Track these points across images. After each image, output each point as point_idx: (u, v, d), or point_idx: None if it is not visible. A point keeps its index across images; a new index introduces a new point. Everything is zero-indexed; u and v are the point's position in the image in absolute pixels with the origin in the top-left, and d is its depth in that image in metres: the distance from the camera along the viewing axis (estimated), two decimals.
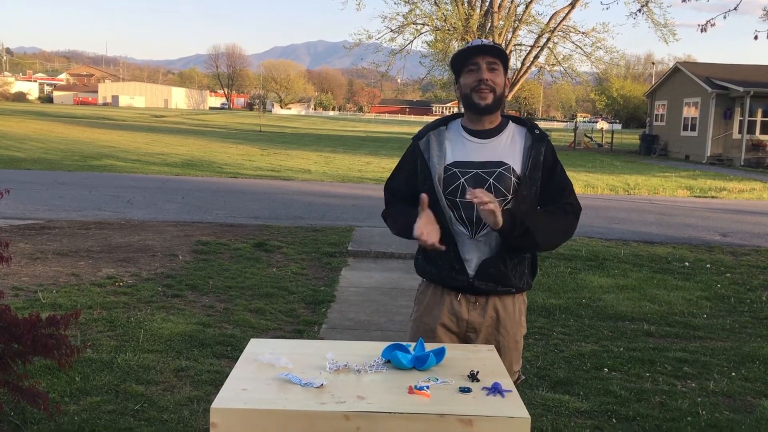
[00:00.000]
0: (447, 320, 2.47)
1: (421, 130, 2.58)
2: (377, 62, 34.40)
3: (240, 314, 5.52)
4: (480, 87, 2.39)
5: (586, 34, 32.29)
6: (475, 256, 2.42)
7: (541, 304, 6.19)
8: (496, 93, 2.41)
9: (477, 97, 2.40)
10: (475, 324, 2.46)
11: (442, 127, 2.53)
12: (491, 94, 2.40)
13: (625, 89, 77.10)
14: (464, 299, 2.46)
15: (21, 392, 3.04)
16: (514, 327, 2.49)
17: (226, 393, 1.79)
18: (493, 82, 2.40)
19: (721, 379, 4.53)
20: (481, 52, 2.41)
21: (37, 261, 7.08)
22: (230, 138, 33.66)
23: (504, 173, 2.39)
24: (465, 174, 2.40)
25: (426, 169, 2.46)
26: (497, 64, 2.42)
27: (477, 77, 2.40)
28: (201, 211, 11.02)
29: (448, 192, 2.41)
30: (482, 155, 2.42)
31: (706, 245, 9.68)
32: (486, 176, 2.38)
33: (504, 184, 2.38)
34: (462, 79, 2.46)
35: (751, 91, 26.71)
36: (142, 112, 70.50)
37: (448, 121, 2.58)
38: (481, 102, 2.40)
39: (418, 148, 2.51)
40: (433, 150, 2.47)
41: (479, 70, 2.40)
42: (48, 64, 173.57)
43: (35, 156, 19.27)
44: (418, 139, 2.53)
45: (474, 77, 2.41)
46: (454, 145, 2.47)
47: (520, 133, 2.49)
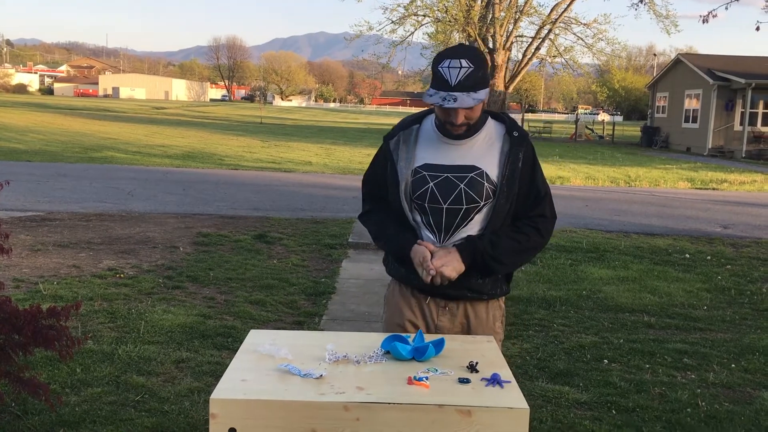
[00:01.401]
0: (416, 320, 2.38)
1: (394, 128, 2.42)
2: (378, 54, 34.36)
3: (241, 306, 5.53)
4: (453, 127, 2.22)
5: (588, 25, 32.22)
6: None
7: (541, 296, 6.19)
8: (471, 123, 2.23)
9: (450, 127, 2.23)
10: (444, 329, 2.34)
11: (414, 126, 2.36)
12: (465, 127, 2.23)
13: (626, 81, 76.94)
14: (433, 303, 2.35)
15: (22, 383, 3.05)
16: (487, 333, 2.34)
17: (226, 384, 1.79)
18: (468, 117, 2.21)
19: (721, 370, 4.54)
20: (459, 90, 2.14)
21: (38, 252, 7.09)
22: (231, 130, 33.62)
23: (476, 179, 2.23)
24: (434, 178, 2.25)
25: (394, 173, 2.32)
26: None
27: (449, 118, 2.20)
28: (202, 202, 11.02)
29: (416, 196, 2.27)
30: (454, 158, 2.26)
31: (706, 237, 9.68)
32: (456, 181, 2.23)
33: (475, 190, 2.23)
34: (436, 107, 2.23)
35: (753, 82, 26.64)
36: (142, 104, 70.43)
37: (422, 117, 2.39)
38: (454, 131, 2.24)
39: (388, 148, 2.36)
40: (401, 152, 2.32)
41: (454, 113, 2.19)
42: (48, 56, 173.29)
43: (36, 148, 19.26)
44: (389, 139, 2.38)
45: (447, 116, 2.21)
46: (425, 145, 2.31)
47: (499, 133, 2.31)
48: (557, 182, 16.32)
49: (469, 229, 2.26)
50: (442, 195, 2.24)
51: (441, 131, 2.29)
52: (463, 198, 2.23)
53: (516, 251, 2.29)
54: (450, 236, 2.27)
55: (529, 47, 33.23)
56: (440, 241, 2.28)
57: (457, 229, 2.26)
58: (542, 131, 41.15)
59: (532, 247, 2.33)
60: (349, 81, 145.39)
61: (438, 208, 2.24)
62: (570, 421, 3.67)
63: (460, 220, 2.25)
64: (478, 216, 2.26)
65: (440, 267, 2.19)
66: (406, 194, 2.28)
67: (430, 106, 2.26)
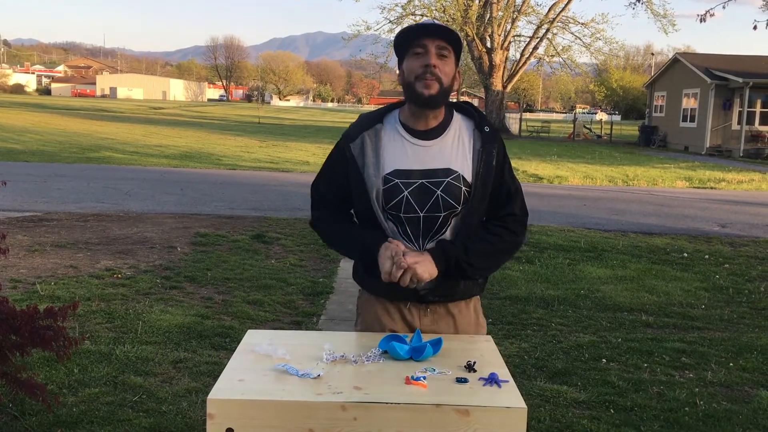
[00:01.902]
0: (398, 327, 2.23)
1: (352, 128, 2.19)
2: (376, 53, 34.42)
3: (238, 306, 5.52)
4: (425, 74, 2.06)
5: (586, 24, 32.27)
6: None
7: (539, 295, 6.19)
8: (443, 84, 2.07)
9: (421, 86, 2.06)
10: (428, 331, 2.22)
11: (377, 125, 2.17)
12: (437, 84, 2.06)
13: (624, 80, 76.97)
14: (414, 307, 2.23)
15: (19, 384, 3.04)
16: (472, 329, 2.29)
17: (223, 384, 1.79)
18: (441, 70, 2.07)
19: (719, 369, 4.54)
20: (431, 33, 2.07)
21: (35, 253, 7.08)
22: (229, 130, 33.61)
23: (453, 183, 2.10)
24: (408, 186, 2.09)
25: (360, 181, 2.13)
26: (448, 50, 2.09)
27: (423, 62, 2.07)
28: (199, 202, 11.02)
29: (389, 207, 2.11)
30: (427, 161, 2.11)
31: (704, 236, 9.69)
32: (433, 187, 2.09)
33: (453, 195, 2.10)
34: (405, 64, 2.12)
35: (751, 81, 26.68)
36: (140, 104, 70.38)
37: (383, 115, 2.21)
38: (425, 92, 2.06)
39: (350, 152, 2.15)
40: (368, 157, 2.12)
41: (426, 55, 2.07)
42: (46, 56, 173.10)
43: (33, 148, 19.24)
44: (349, 141, 2.16)
45: (420, 62, 2.07)
46: (392, 148, 2.13)
47: (468, 129, 2.18)
48: (555, 181, 16.33)
49: (448, 233, 2.15)
50: (418, 203, 2.10)
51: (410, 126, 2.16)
52: (441, 205, 2.10)
53: (490, 253, 2.19)
54: (428, 242, 2.15)
55: (527, 47, 33.27)
56: (419, 249, 2.15)
57: (435, 235, 2.15)
58: (540, 131, 41.18)
59: (506, 249, 2.23)
60: (347, 81, 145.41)
61: (415, 217, 2.11)
62: (568, 420, 3.67)
63: (439, 227, 2.14)
64: (454, 220, 2.14)
65: (414, 264, 2.03)
66: (378, 203, 2.12)
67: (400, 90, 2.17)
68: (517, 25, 33.36)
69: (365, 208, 2.15)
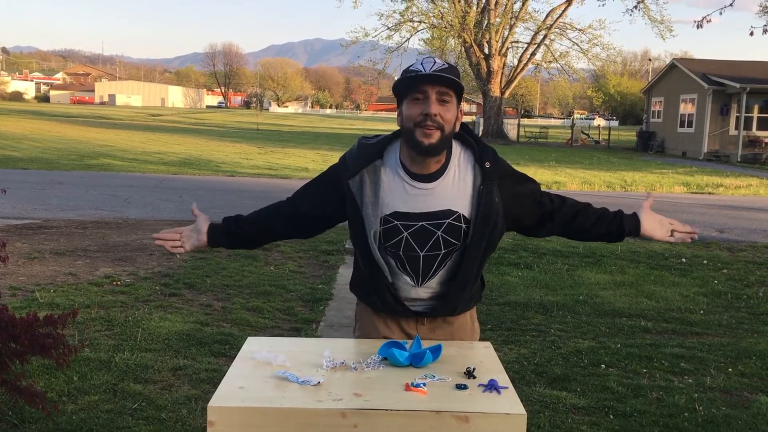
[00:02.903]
0: (396, 336, 2.25)
1: (349, 162, 2.14)
2: (374, 60, 34.49)
3: (238, 313, 5.52)
4: (426, 123, 1.99)
5: (583, 31, 32.36)
6: (421, 298, 2.20)
7: (538, 301, 6.20)
8: (444, 131, 2.01)
9: (420, 134, 2.00)
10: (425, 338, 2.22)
11: (377, 162, 2.11)
12: (438, 132, 2.00)
13: (621, 86, 77.08)
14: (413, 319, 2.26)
15: (19, 391, 3.04)
16: (467, 336, 2.31)
17: (224, 391, 1.79)
18: (442, 117, 2.00)
19: (718, 374, 4.55)
20: (431, 81, 2.00)
21: (34, 260, 7.08)
22: (227, 136, 33.63)
23: (453, 223, 2.09)
24: (408, 228, 2.09)
25: (359, 219, 2.11)
26: (449, 95, 2.02)
27: (423, 110, 2.00)
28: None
29: (389, 245, 2.12)
30: (427, 204, 2.08)
31: (702, 241, 9.70)
32: (433, 228, 2.09)
33: (453, 235, 2.10)
34: (404, 108, 2.05)
35: (748, 87, 26.74)
36: (138, 111, 70.40)
37: (383, 149, 2.15)
38: (425, 140, 2.00)
39: (348, 188, 2.12)
40: (366, 196, 2.09)
41: (426, 102, 2.00)
42: (44, 64, 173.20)
43: (32, 155, 19.24)
44: (348, 177, 2.12)
45: (419, 109, 2.01)
46: (392, 189, 2.10)
47: (469, 164, 2.13)
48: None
49: (448, 268, 2.15)
50: (418, 243, 2.10)
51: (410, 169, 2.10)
52: (441, 244, 2.11)
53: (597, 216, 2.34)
54: (429, 278, 2.16)
55: (525, 53, 33.36)
56: (418, 284, 2.17)
57: (436, 271, 2.15)
58: (538, 136, 41.23)
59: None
60: (346, 87, 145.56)
61: (414, 255, 2.12)
62: (567, 426, 3.67)
63: (439, 263, 2.14)
64: (456, 255, 2.14)
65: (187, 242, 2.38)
66: (376, 242, 2.11)
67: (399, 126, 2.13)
68: (514, 31, 33.46)
69: (363, 245, 2.14)
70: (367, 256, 2.15)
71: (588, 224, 2.34)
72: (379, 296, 2.21)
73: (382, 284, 2.18)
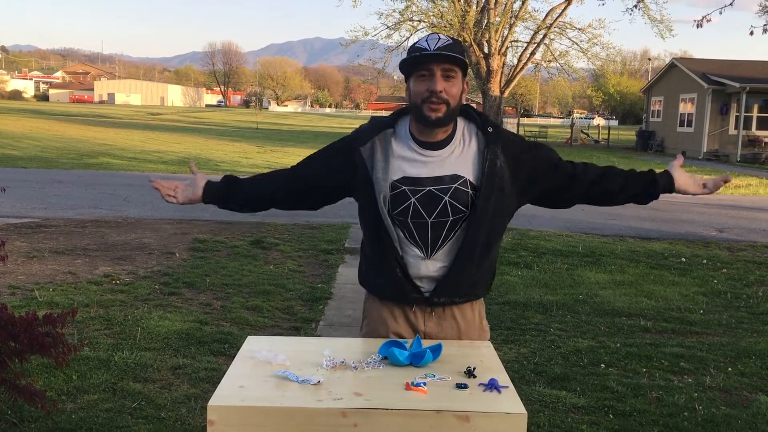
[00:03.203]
0: (402, 330, 2.26)
1: (363, 131, 2.24)
2: (374, 59, 34.41)
3: (237, 312, 5.52)
4: (431, 99, 2.09)
5: (583, 30, 32.33)
6: (429, 275, 2.19)
7: (538, 301, 6.20)
8: (450, 105, 2.10)
9: (427, 109, 2.09)
10: (433, 335, 2.26)
11: (388, 130, 2.21)
12: (444, 107, 2.09)
13: (621, 85, 77.10)
14: (419, 310, 2.25)
15: (18, 390, 3.04)
16: (476, 333, 2.32)
17: (224, 390, 1.79)
18: (447, 92, 2.09)
19: (718, 374, 4.55)
20: (436, 59, 2.08)
21: (33, 259, 7.07)
22: (227, 135, 33.62)
23: (460, 188, 2.13)
24: (416, 193, 2.13)
25: (369, 185, 2.16)
26: (454, 71, 2.11)
27: (428, 87, 2.09)
28: (197, 208, 11.01)
29: (396, 213, 2.15)
30: (434, 170, 2.15)
31: (702, 241, 9.70)
32: (440, 194, 2.13)
33: (461, 200, 2.13)
34: (411, 84, 2.14)
35: (747, 86, 26.73)
36: (138, 110, 70.37)
37: (395, 121, 2.25)
38: (432, 115, 2.10)
39: (360, 156, 2.19)
40: (377, 162, 2.16)
41: (432, 79, 2.09)
42: (44, 62, 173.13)
43: (31, 154, 19.23)
44: (359, 145, 2.20)
45: (425, 86, 2.09)
46: (402, 156, 2.17)
47: (472, 132, 2.21)
48: None
49: (457, 238, 2.17)
50: (425, 210, 2.14)
51: (418, 138, 2.18)
52: (449, 210, 2.13)
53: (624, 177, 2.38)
54: (437, 249, 2.17)
55: (525, 52, 33.33)
56: (427, 255, 2.17)
57: (444, 241, 2.17)
58: (538, 136, 41.23)
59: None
60: (345, 86, 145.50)
61: (422, 222, 2.14)
62: (567, 425, 3.67)
63: (447, 232, 2.16)
64: (464, 224, 2.16)
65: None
66: (385, 207, 2.15)
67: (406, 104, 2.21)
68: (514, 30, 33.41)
69: (373, 212, 2.17)
70: (378, 226, 2.17)
71: (617, 185, 2.36)
72: (388, 277, 2.20)
73: (392, 258, 2.18)
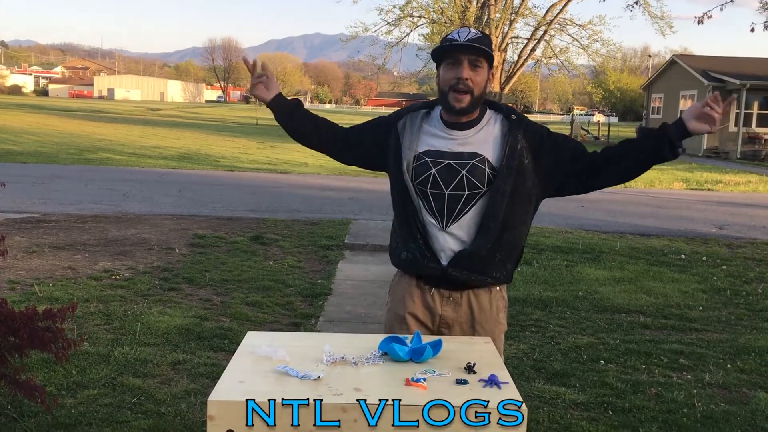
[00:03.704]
0: (419, 312, 2.41)
1: (401, 110, 2.51)
2: (374, 55, 34.33)
3: (237, 307, 5.52)
4: (458, 86, 2.27)
5: (583, 26, 32.27)
6: (447, 247, 2.32)
7: (537, 297, 6.20)
8: (474, 94, 2.28)
9: (453, 98, 2.28)
10: (449, 319, 2.38)
11: (423, 110, 2.44)
12: (468, 96, 2.28)
13: (621, 82, 77.07)
14: (437, 294, 2.38)
15: (18, 385, 3.05)
16: (491, 324, 2.39)
17: (224, 385, 1.79)
18: (473, 81, 2.27)
19: (717, 370, 4.55)
20: (464, 50, 2.27)
21: (33, 254, 7.07)
22: (227, 131, 33.59)
23: (478, 165, 2.29)
24: (437, 164, 2.30)
25: (398, 154, 2.38)
26: (480, 61, 2.29)
27: (456, 74, 2.27)
28: (197, 204, 11.01)
29: (418, 182, 2.33)
30: (457, 146, 2.33)
31: (702, 238, 9.70)
32: (458, 167, 2.29)
33: (477, 176, 2.28)
34: (441, 72, 2.34)
35: (748, 83, 26.71)
36: (138, 106, 70.29)
37: (431, 105, 2.46)
38: (456, 105, 2.29)
39: (395, 129, 2.43)
40: (407, 134, 2.39)
41: (459, 67, 2.27)
42: (43, 57, 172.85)
43: (31, 149, 19.21)
44: (397, 120, 2.45)
45: (453, 73, 2.28)
46: (430, 132, 2.38)
47: (498, 119, 2.39)
48: None
49: (471, 213, 2.30)
50: (444, 181, 2.29)
51: (446, 119, 2.36)
52: (465, 184, 2.28)
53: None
54: (452, 221, 2.31)
55: (525, 48, 33.28)
56: (443, 226, 2.31)
57: (459, 214, 2.30)
58: None
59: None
60: (345, 82, 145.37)
61: (440, 194, 2.29)
62: (567, 422, 3.68)
63: (462, 206, 2.30)
64: (480, 201, 2.29)
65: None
66: (409, 175, 2.33)
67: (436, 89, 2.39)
68: (514, 26, 33.35)
69: (400, 180, 2.35)
70: (403, 194, 2.36)
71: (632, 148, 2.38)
72: (410, 247, 2.35)
73: (415, 227, 2.33)
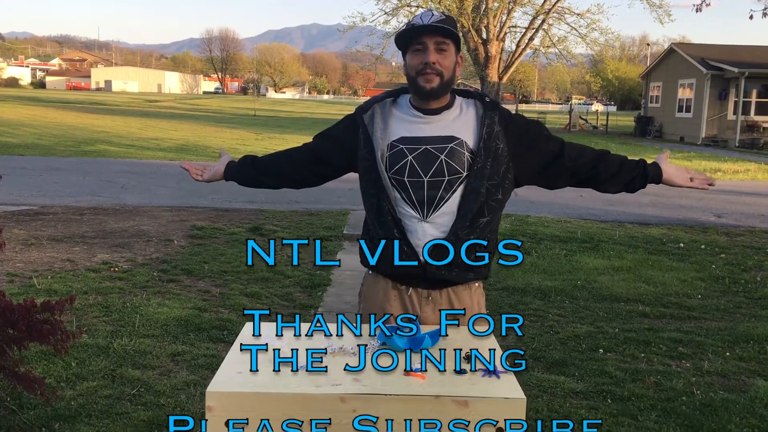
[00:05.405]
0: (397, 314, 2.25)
1: (367, 102, 2.40)
2: (371, 45, 34.23)
3: (236, 298, 5.52)
4: (425, 71, 2.20)
5: (581, 15, 32.17)
6: (426, 240, 2.20)
7: (536, 286, 6.20)
8: (444, 77, 2.21)
9: (422, 80, 2.21)
10: (429, 321, 2.26)
11: (389, 99, 2.35)
12: (438, 78, 2.20)
13: (620, 71, 76.89)
14: (415, 294, 2.29)
15: (17, 378, 3.04)
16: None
17: (222, 376, 1.79)
18: (441, 65, 2.20)
19: (716, 359, 4.56)
20: (428, 32, 2.19)
21: (31, 247, 7.06)
22: (224, 122, 33.52)
23: (456, 148, 2.20)
24: (413, 151, 2.21)
25: (369, 146, 2.26)
26: (446, 43, 2.21)
27: (422, 59, 2.20)
28: (196, 195, 10.99)
29: (393, 171, 2.22)
30: (431, 130, 2.24)
31: (700, 226, 9.71)
32: (437, 152, 2.20)
33: (457, 160, 2.20)
34: (408, 59, 2.25)
35: (746, 72, 26.66)
36: (135, 97, 70.11)
37: (397, 94, 2.38)
38: (426, 85, 2.21)
39: (362, 121, 2.32)
40: (377, 124, 2.28)
41: (425, 52, 2.20)
42: (40, 49, 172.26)
43: (29, 142, 19.17)
44: (362, 112, 2.34)
45: (419, 59, 2.21)
46: (400, 120, 2.29)
47: (470, 103, 2.32)
48: None
49: (453, 200, 2.20)
50: (422, 168, 2.19)
51: (416, 105, 2.29)
52: (445, 169, 2.19)
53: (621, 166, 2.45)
54: (434, 210, 2.20)
55: (523, 37, 33.18)
56: (424, 216, 2.20)
57: (441, 202, 2.20)
58: None
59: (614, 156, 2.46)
60: (343, 72, 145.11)
61: (419, 181, 2.19)
62: (566, 410, 3.68)
63: (443, 192, 2.20)
64: (460, 187, 2.20)
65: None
66: (383, 165, 2.22)
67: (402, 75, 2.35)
68: (512, 15, 33.24)
69: (373, 173, 2.25)
70: (377, 186, 2.24)
71: (609, 172, 2.43)
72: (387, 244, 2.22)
73: (391, 221, 2.22)
